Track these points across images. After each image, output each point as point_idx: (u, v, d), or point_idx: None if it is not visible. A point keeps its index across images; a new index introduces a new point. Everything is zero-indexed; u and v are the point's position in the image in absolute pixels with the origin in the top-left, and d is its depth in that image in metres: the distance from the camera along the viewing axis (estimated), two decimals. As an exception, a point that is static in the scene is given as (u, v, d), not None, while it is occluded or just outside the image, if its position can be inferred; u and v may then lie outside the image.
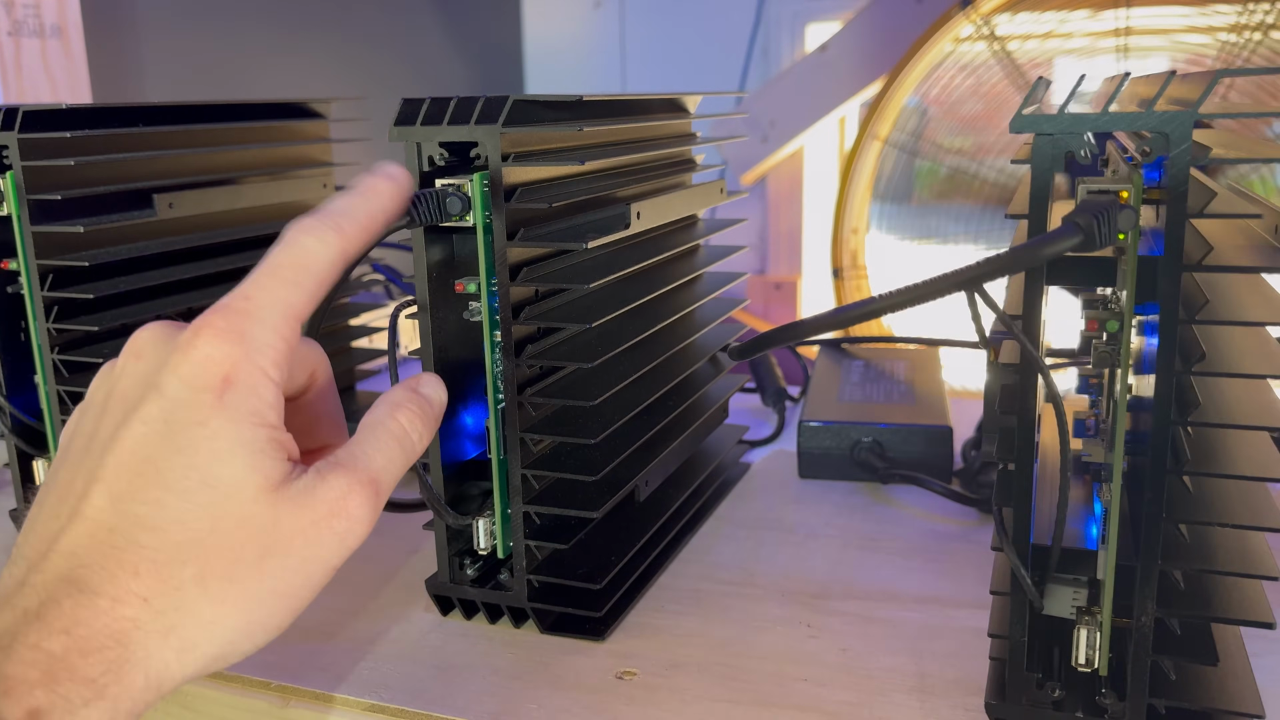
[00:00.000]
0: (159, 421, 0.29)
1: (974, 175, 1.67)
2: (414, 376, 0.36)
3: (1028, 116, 0.33)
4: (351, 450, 0.32)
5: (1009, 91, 1.62)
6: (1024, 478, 0.35)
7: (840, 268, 1.56)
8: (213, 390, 0.29)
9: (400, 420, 0.34)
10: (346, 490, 0.31)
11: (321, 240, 0.32)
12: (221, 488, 0.29)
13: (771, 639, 0.45)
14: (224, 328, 0.29)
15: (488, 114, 0.42)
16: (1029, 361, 0.34)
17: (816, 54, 1.67)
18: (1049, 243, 0.30)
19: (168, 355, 0.30)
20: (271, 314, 0.30)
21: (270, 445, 0.30)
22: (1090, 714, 0.36)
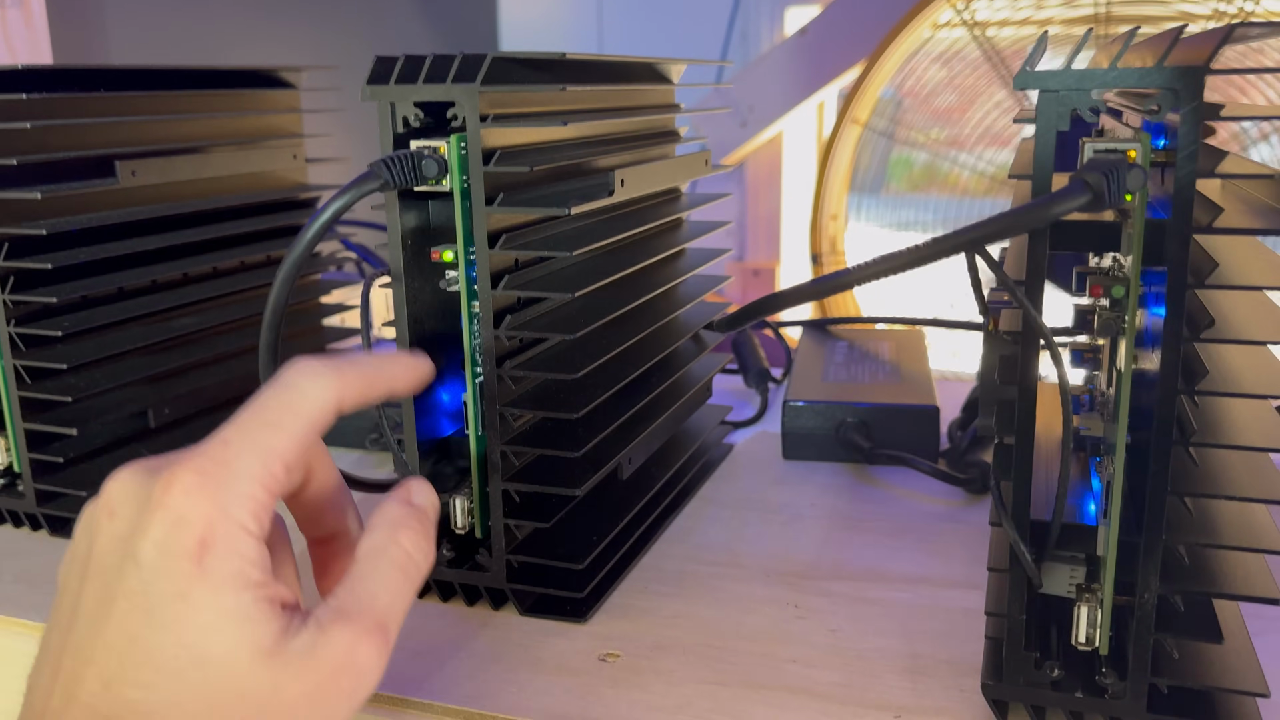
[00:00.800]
0: (139, 596, 0.27)
1: (949, 167, 1.67)
2: (403, 485, 0.34)
3: (1033, 73, 0.31)
4: (354, 590, 0.30)
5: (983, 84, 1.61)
6: (1025, 451, 0.34)
7: (819, 253, 1.54)
8: (190, 556, 0.27)
9: (403, 544, 0.31)
10: (353, 643, 0.28)
11: (316, 382, 0.30)
12: (213, 664, 0.27)
13: (758, 620, 0.44)
14: (197, 483, 0.27)
15: (465, 72, 0.40)
16: (1031, 329, 0.33)
17: (796, 38, 1.65)
18: (1057, 201, 0.29)
19: (139, 513, 0.28)
20: (250, 462, 0.28)
21: (258, 607, 0.27)
22: (1090, 694, 0.35)
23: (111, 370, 0.54)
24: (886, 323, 0.77)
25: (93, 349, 0.52)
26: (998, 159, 1.67)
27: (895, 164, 1.71)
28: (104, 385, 0.53)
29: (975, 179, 1.66)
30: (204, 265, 0.59)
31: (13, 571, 0.49)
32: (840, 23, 1.60)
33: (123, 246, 0.54)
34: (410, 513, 0.32)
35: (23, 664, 0.44)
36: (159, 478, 0.28)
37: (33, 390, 0.51)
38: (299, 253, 0.39)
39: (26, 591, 0.47)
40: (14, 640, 0.45)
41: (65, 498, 0.53)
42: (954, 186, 1.70)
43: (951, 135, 1.66)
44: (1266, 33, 0.31)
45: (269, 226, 0.63)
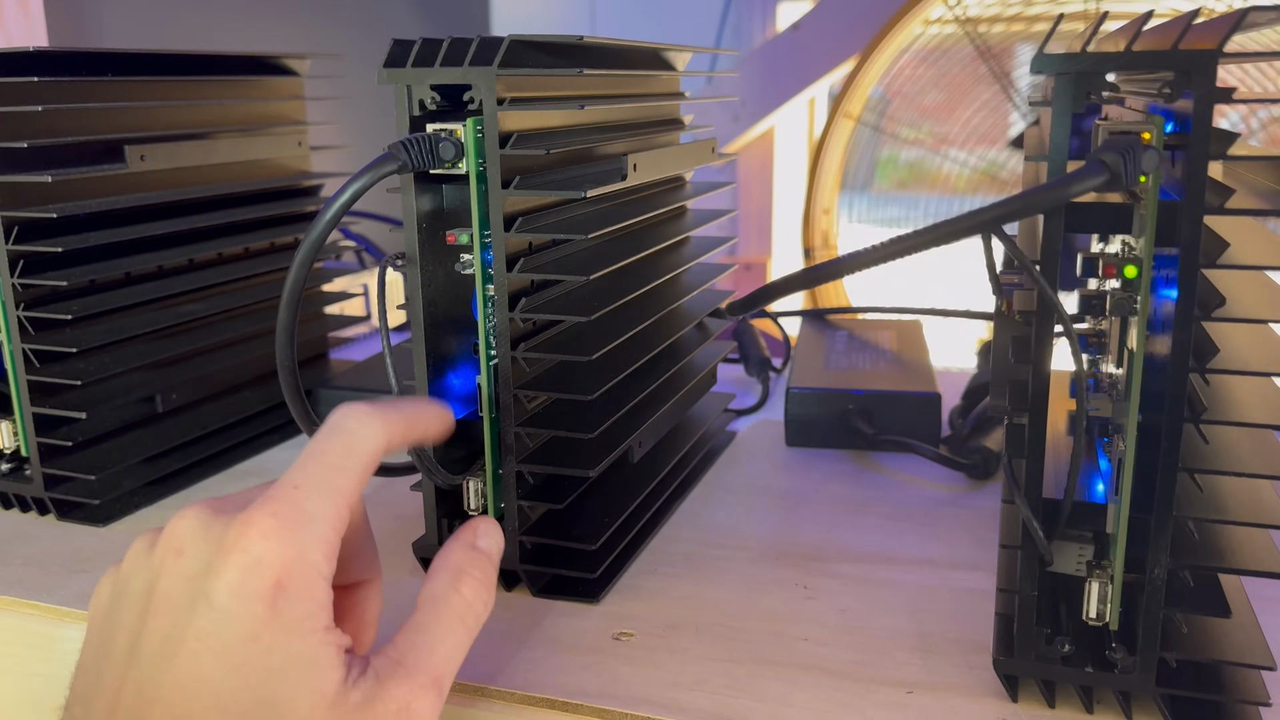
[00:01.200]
0: (212, 637, 0.27)
1: (937, 164, 1.68)
2: (469, 526, 0.35)
3: (1049, 55, 0.32)
4: (413, 642, 0.30)
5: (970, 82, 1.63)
6: (1038, 429, 0.35)
7: (811, 247, 1.55)
8: (264, 598, 0.27)
9: (464, 594, 0.32)
10: (409, 698, 0.29)
11: (369, 426, 0.31)
12: (278, 708, 0.27)
13: (769, 600, 0.44)
14: (274, 527, 0.28)
15: (483, 55, 0.40)
16: (1047, 308, 0.33)
17: (788, 33, 1.66)
18: (1075, 181, 0.30)
19: (213, 555, 0.28)
20: (323, 504, 0.29)
21: (325, 653, 0.28)
22: (1100, 668, 0.36)
23: (119, 355, 0.54)
24: (888, 312, 0.77)
25: (101, 333, 0.52)
26: (987, 155, 1.68)
27: (883, 162, 1.72)
28: (112, 369, 0.53)
29: (963, 176, 1.67)
30: (209, 251, 0.59)
31: (22, 555, 0.49)
32: (832, 18, 1.61)
33: (130, 231, 0.54)
34: (473, 559, 0.33)
35: (34, 644, 0.44)
36: (234, 520, 0.28)
37: (41, 374, 0.51)
38: (318, 233, 0.39)
39: (36, 574, 0.47)
40: (25, 621, 0.45)
41: (73, 482, 0.53)
42: (941, 184, 1.71)
43: (940, 132, 1.68)
44: (1277, 18, 0.32)
45: (273, 213, 0.63)
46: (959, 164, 1.67)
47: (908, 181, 1.82)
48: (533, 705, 0.38)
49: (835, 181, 1.60)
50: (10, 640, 0.45)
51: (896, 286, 1.47)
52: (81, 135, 0.51)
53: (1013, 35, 1.63)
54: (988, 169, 1.69)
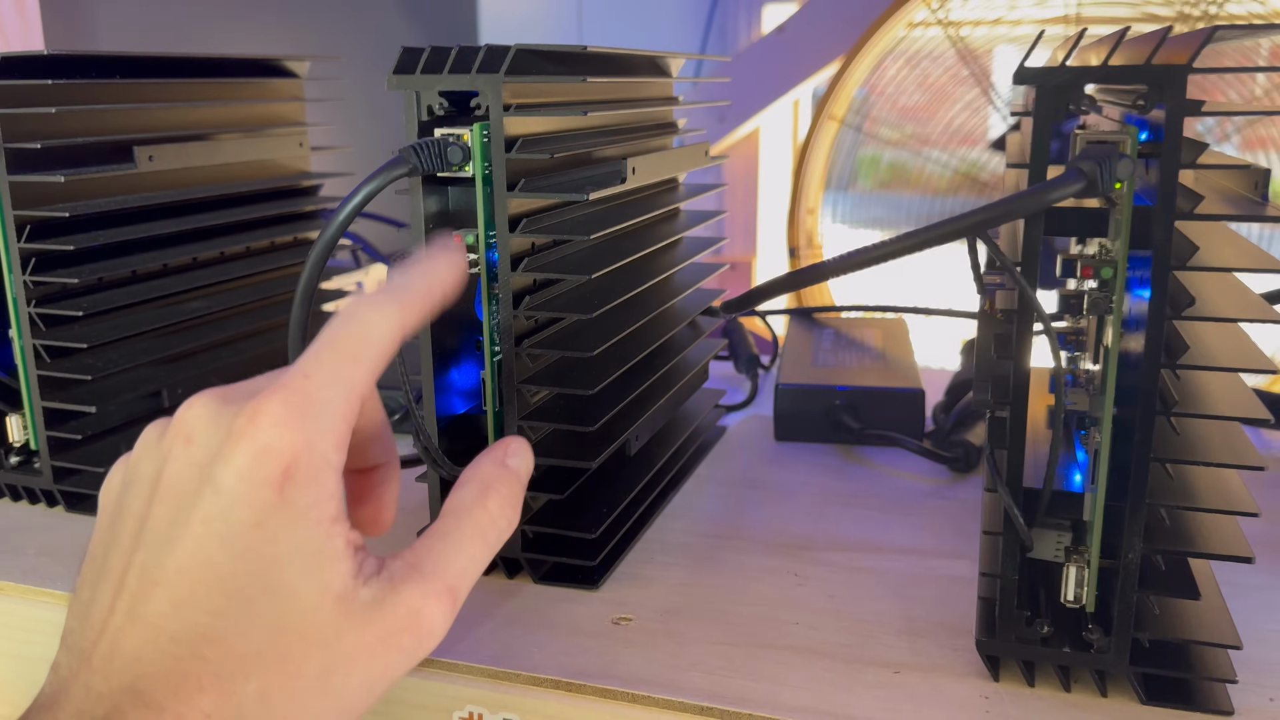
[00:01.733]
0: (218, 522, 0.27)
1: (919, 165, 1.70)
2: (500, 444, 0.34)
3: (1031, 68, 0.34)
4: (432, 549, 0.30)
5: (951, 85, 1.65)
6: (1019, 421, 0.37)
7: (796, 247, 1.57)
8: (272, 484, 0.27)
9: (490, 508, 0.32)
10: (420, 602, 0.29)
11: (383, 313, 0.31)
12: (282, 597, 0.27)
13: (761, 587, 0.46)
14: (283, 414, 0.27)
15: (490, 63, 0.42)
16: (1027, 306, 0.35)
17: (773, 35, 1.68)
18: (1054, 187, 0.32)
19: (221, 442, 0.28)
20: (334, 394, 0.28)
21: (332, 545, 0.28)
22: (1077, 648, 0.38)
23: (128, 351, 0.55)
24: (874, 311, 0.79)
25: (109, 330, 0.54)
26: (968, 156, 1.70)
27: (865, 162, 1.74)
28: (121, 365, 0.54)
29: (944, 177, 1.70)
30: (212, 250, 0.60)
31: (35, 546, 0.50)
32: (817, 20, 1.63)
33: (137, 230, 0.55)
34: (503, 475, 0.33)
35: (52, 632, 0.46)
36: (244, 407, 0.28)
37: (52, 369, 0.52)
38: (332, 232, 0.40)
39: (50, 564, 0.49)
40: (41, 610, 0.46)
41: (82, 474, 0.54)
42: (922, 184, 1.74)
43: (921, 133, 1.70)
44: (1243, 34, 0.34)
45: (274, 213, 0.65)
46: (940, 165, 1.69)
47: (889, 182, 1.84)
48: (538, 686, 0.39)
49: (820, 182, 1.62)
50: (27, 628, 0.46)
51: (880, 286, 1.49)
52: (92, 136, 0.53)
53: (995, 38, 1.66)
54: (968, 170, 1.71)
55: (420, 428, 0.44)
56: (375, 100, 0.42)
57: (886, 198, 1.79)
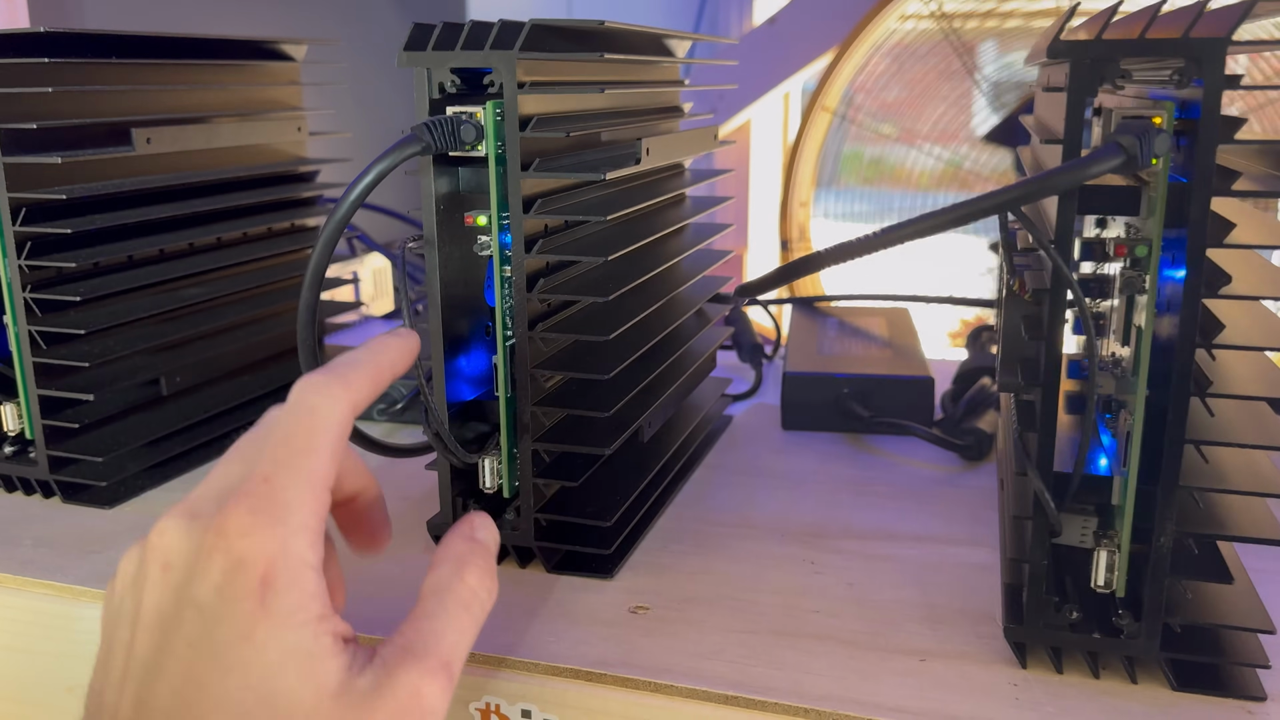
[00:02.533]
0: (204, 641, 0.27)
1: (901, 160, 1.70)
2: (465, 521, 0.34)
3: (1066, 42, 0.33)
4: (420, 629, 0.30)
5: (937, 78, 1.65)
6: (1050, 403, 0.36)
7: (789, 240, 1.57)
8: (252, 595, 0.27)
9: (469, 581, 0.32)
10: (418, 683, 0.29)
11: (331, 398, 0.30)
12: (281, 704, 0.27)
13: (778, 575, 0.45)
14: (251, 522, 0.27)
15: (504, 39, 0.41)
16: (1061, 285, 0.34)
17: (765, 26, 1.67)
18: (1094, 162, 0.31)
19: (195, 561, 0.28)
20: (298, 492, 0.28)
21: (321, 643, 0.28)
22: (1106, 634, 0.37)
23: (125, 337, 0.54)
24: (881, 300, 0.79)
25: (106, 316, 0.52)
26: (958, 151, 1.70)
27: (848, 158, 1.74)
28: (118, 352, 0.53)
29: (928, 172, 1.70)
30: (209, 236, 0.59)
31: (32, 536, 0.49)
32: (809, 12, 1.62)
33: (134, 214, 0.54)
34: (474, 549, 0.33)
35: (49, 624, 0.44)
36: (210, 523, 0.28)
37: (48, 356, 0.51)
38: (343, 214, 0.39)
39: (48, 554, 0.47)
40: (41, 602, 0.45)
41: (78, 464, 0.53)
42: (906, 179, 1.74)
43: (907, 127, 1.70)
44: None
45: (272, 199, 0.63)
46: (925, 159, 1.69)
47: (873, 177, 1.84)
48: (556, 675, 0.38)
49: (812, 174, 1.62)
50: (26, 620, 0.45)
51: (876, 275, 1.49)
52: (89, 118, 0.51)
53: (985, 31, 1.66)
54: (953, 164, 1.71)
55: (432, 414, 0.43)
56: (369, 85, 0.41)
57: (870, 193, 1.79)
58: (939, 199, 1.73)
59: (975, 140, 1.68)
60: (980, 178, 1.68)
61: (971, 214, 0.32)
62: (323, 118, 0.69)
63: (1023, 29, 1.66)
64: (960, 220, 0.32)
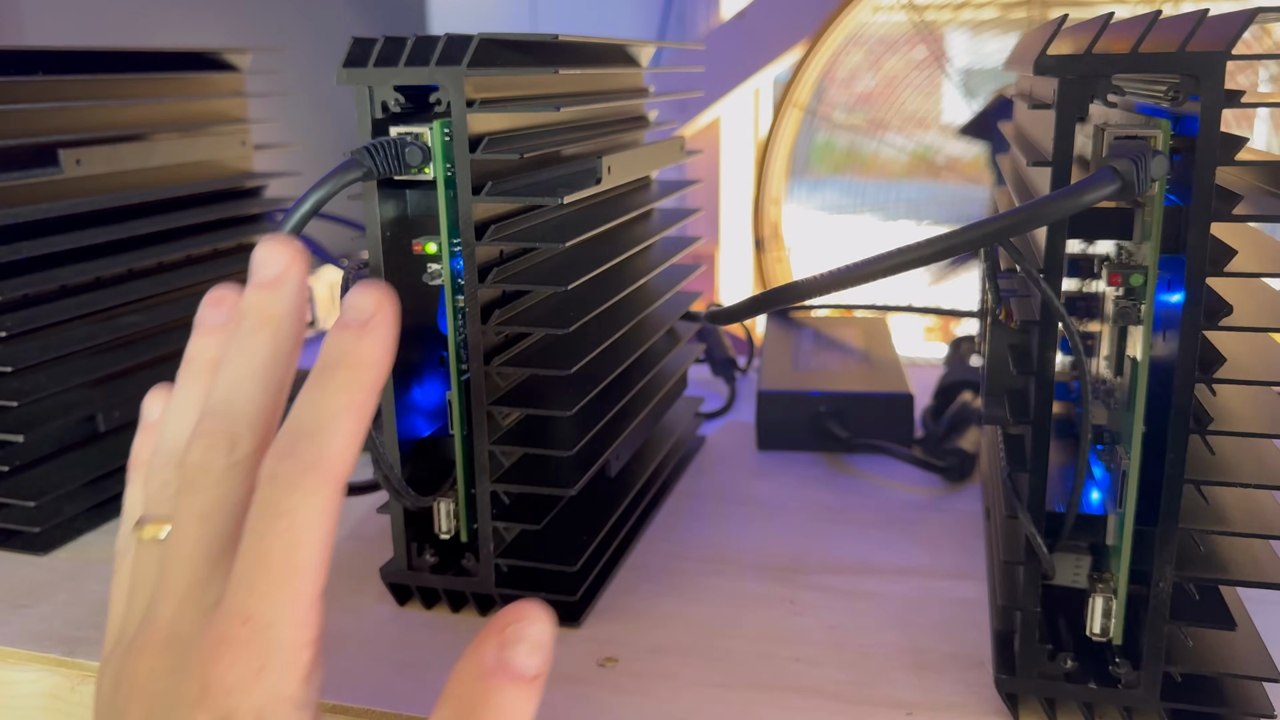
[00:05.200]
0: None
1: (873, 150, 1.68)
2: (496, 624, 0.26)
3: (1053, 57, 0.31)
4: None
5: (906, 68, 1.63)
6: (1042, 440, 0.34)
7: (762, 238, 1.54)
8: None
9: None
10: None
11: (306, 494, 0.25)
12: None
13: (755, 618, 0.43)
14: (236, 678, 0.24)
15: (451, 55, 0.38)
16: (1051, 317, 0.32)
17: (734, 21, 1.64)
18: (1087, 189, 0.28)
19: (179, 713, 0.24)
20: (284, 629, 0.24)
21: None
22: (1103, 683, 0.35)
23: (57, 373, 0.50)
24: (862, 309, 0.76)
25: (37, 350, 0.49)
26: (924, 140, 1.68)
27: (819, 147, 1.72)
28: (50, 389, 0.49)
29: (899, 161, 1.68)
30: (149, 259, 0.56)
31: (-43, 590, 0.46)
32: (778, 6, 1.59)
33: (66, 240, 0.51)
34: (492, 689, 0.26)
35: (-25, 690, 0.41)
36: (190, 676, 0.24)
37: (-28, 395, 0.47)
38: (277, 247, 0.36)
39: (-26, 611, 0.44)
40: (-36, 665, 0.42)
41: (10, 509, 0.49)
42: (878, 168, 1.72)
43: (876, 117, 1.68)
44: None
45: (216, 217, 0.60)
46: (896, 149, 1.67)
47: (844, 166, 1.82)
48: (519, 742, 0.36)
49: (784, 171, 1.59)
50: (-54, 686, 0.42)
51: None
52: (11, 139, 0.48)
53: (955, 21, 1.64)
54: (924, 153, 1.69)
55: (380, 455, 0.40)
56: (321, 94, 0.38)
57: (841, 182, 1.77)
58: (910, 187, 1.71)
59: (946, 129, 1.67)
60: (951, 167, 1.66)
61: (958, 246, 0.30)
62: (269, 129, 0.66)
63: (1000, 19, 1.64)
64: (946, 253, 0.30)
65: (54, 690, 0.40)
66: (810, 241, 1.67)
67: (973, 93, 1.64)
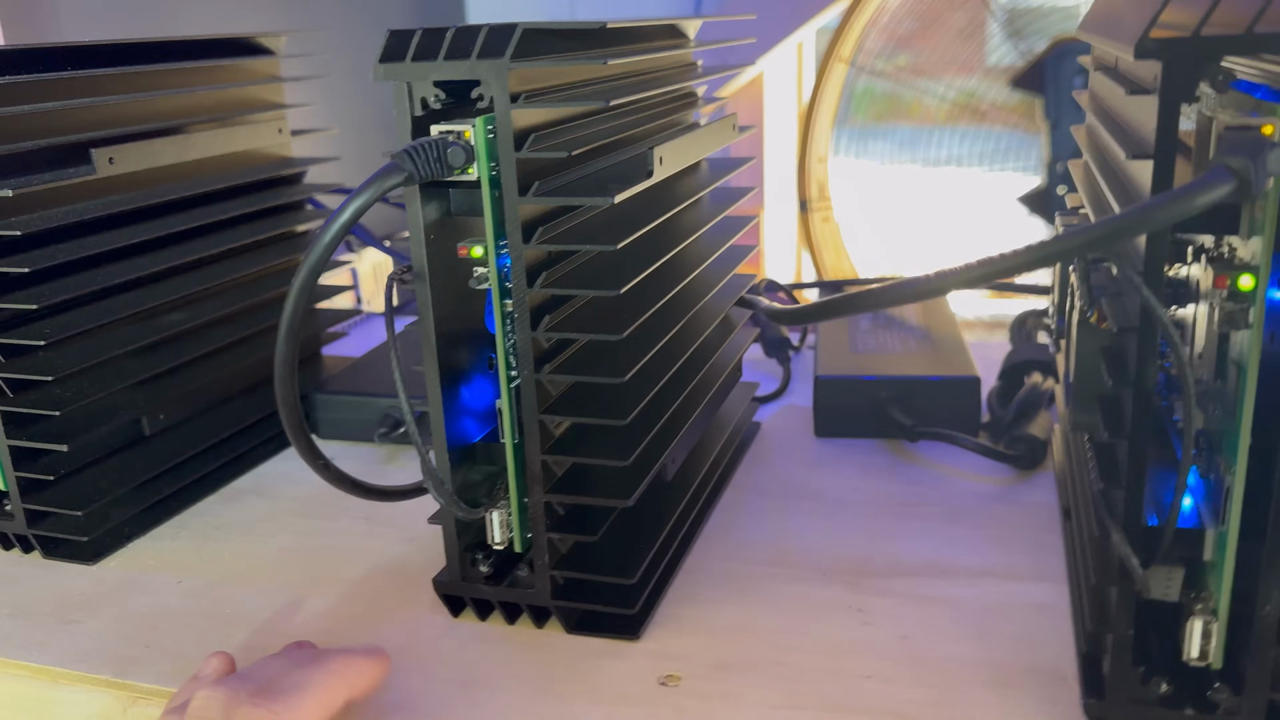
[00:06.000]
0: None
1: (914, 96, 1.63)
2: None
3: (1156, 39, 0.28)
4: None
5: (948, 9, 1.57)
6: (1139, 457, 0.31)
7: (808, 199, 1.50)
8: None
9: None
10: None
11: None
12: None
13: (823, 628, 0.41)
14: None
15: (492, 47, 0.36)
16: (1153, 324, 0.29)
17: (776, -25, 1.60)
18: (1200, 191, 0.26)
19: None
20: None
21: None
22: (1201, 709, 0.33)
23: (100, 377, 0.49)
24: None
25: (78, 356, 0.48)
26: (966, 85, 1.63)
27: (859, 95, 1.66)
28: (93, 394, 0.48)
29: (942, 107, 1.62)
30: (189, 255, 0.54)
31: (7, 603, 0.45)
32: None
33: (103, 241, 0.49)
34: None
35: (27, 709, 0.41)
36: None
37: (16, 404, 0.46)
38: (315, 259, 0.35)
39: (24, 627, 0.44)
40: (15, 684, 0.41)
41: (57, 517, 0.49)
42: (920, 115, 1.66)
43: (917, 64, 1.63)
44: None
45: (256, 208, 0.59)
46: (937, 95, 1.62)
47: (885, 114, 1.76)
48: (581, 770, 0.34)
49: (829, 128, 1.55)
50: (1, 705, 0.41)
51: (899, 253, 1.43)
52: (41, 139, 0.46)
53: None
54: (966, 99, 1.64)
55: (428, 469, 0.39)
56: (362, 75, 0.36)
57: (883, 130, 1.72)
58: (953, 133, 1.65)
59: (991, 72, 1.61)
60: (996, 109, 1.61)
61: (1056, 255, 0.27)
62: (308, 113, 0.64)
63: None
64: (1043, 262, 0.27)
65: (105, 713, 0.40)
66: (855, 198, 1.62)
67: (1019, 33, 1.58)
